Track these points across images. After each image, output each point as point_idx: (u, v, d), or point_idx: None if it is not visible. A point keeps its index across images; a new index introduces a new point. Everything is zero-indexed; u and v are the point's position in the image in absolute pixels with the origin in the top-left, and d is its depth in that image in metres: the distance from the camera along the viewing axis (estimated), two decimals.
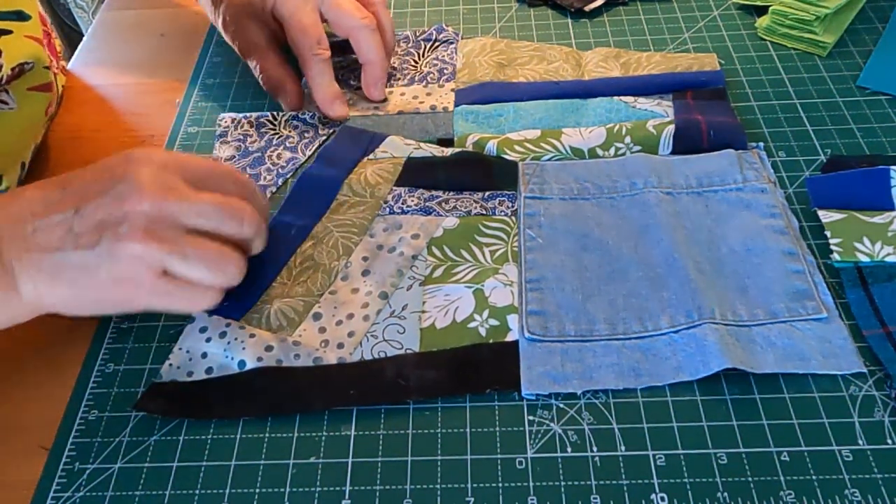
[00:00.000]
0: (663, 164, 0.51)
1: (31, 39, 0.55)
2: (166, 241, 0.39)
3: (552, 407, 0.40)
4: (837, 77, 0.57)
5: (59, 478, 0.39)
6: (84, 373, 0.43)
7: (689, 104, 0.55)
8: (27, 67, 0.55)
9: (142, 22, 0.71)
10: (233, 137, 0.56)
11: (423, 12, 0.68)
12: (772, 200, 0.48)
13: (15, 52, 0.54)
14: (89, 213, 0.38)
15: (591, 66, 0.59)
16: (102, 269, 0.38)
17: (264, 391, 0.41)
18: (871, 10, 0.63)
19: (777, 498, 0.36)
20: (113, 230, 0.38)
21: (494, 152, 0.53)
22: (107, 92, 0.64)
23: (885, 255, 0.44)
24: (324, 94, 0.56)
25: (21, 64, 0.54)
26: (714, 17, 0.65)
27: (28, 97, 0.55)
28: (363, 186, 0.52)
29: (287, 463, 0.39)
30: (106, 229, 0.38)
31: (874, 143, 0.52)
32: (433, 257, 0.47)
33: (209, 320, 0.44)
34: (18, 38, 0.54)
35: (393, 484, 0.38)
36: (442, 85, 0.59)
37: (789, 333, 0.41)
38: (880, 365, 0.40)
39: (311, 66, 0.56)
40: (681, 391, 0.40)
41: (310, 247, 0.48)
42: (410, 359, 0.42)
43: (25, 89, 0.55)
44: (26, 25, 0.55)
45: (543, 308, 0.44)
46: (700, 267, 0.45)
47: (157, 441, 0.40)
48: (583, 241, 0.47)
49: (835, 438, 0.38)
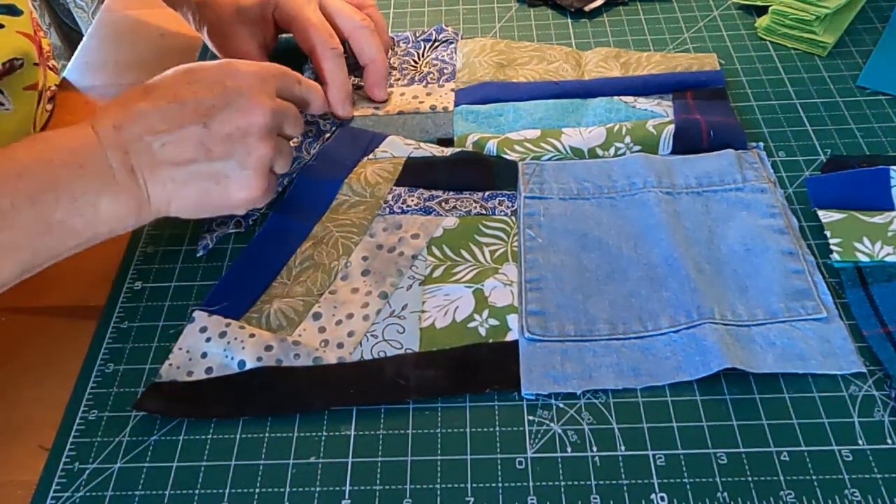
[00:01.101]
0: (663, 163, 0.51)
1: (23, 35, 0.55)
2: (278, 144, 0.45)
3: (552, 407, 0.40)
4: (837, 77, 0.57)
5: (59, 478, 0.39)
6: (84, 373, 0.43)
7: (688, 104, 0.55)
8: (17, 64, 0.54)
9: (142, 22, 0.71)
10: None
11: (423, 12, 0.68)
12: (772, 200, 0.48)
13: (7, 47, 0.53)
14: (217, 126, 0.42)
15: (591, 66, 0.59)
16: (233, 176, 0.43)
17: (264, 391, 0.41)
18: (871, 10, 0.63)
19: (777, 498, 0.36)
20: (242, 141, 0.43)
21: (494, 152, 0.53)
22: (107, 92, 0.64)
23: (885, 255, 0.44)
24: (338, 90, 0.56)
25: (11, 60, 0.54)
26: (714, 17, 0.65)
27: (23, 97, 0.55)
28: (363, 186, 0.52)
29: (287, 463, 0.39)
30: (235, 141, 0.42)
31: (874, 143, 0.52)
32: (433, 257, 0.47)
33: (209, 320, 0.44)
34: (10, 32, 0.54)
35: (393, 484, 0.38)
36: (442, 85, 0.59)
37: (789, 333, 0.41)
38: (880, 365, 0.40)
39: (328, 60, 0.55)
40: (681, 391, 0.40)
41: (310, 246, 0.48)
42: (410, 358, 0.42)
43: (21, 89, 0.55)
44: (18, 21, 0.55)
45: (543, 308, 0.44)
46: (700, 267, 0.45)
47: (157, 441, 0.40)
48: (583, 240, 0.47)
49: (835, 438, 0.38)
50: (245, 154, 0.43)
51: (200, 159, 0.42)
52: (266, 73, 0.46)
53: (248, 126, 0.43)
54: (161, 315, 0.46)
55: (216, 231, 0.50)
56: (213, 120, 0.42)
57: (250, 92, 0.44)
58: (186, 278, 0.48)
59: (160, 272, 0.48)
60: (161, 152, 0.41)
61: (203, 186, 0.43)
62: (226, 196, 0.44)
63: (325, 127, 0.57)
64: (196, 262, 0.49)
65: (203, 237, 0.49)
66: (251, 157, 0.43)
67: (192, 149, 0.42)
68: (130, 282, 0.48)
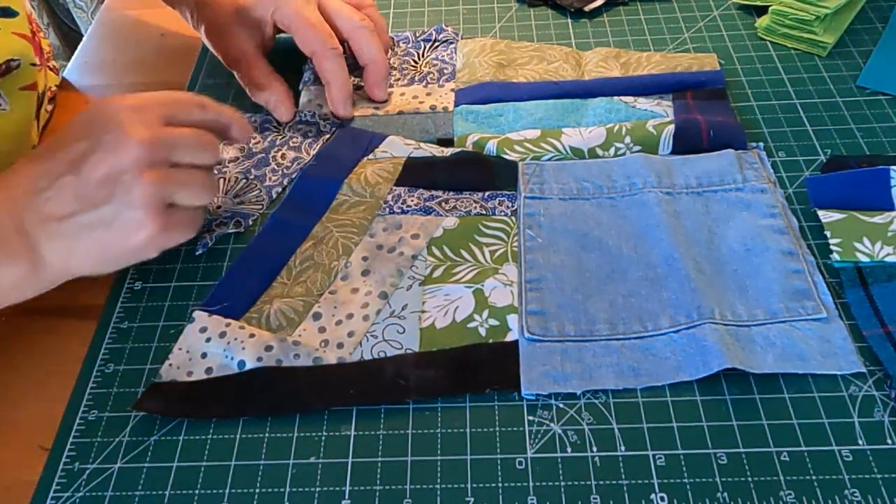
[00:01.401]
0: (663, 164, 0.51)
1: (19, 36, 0.55)
2: (168, 176, 0.41)
3: (552, 407, 0.40)
4: (837, 77, 0.57)
5: (59, 478, 0.39)
6: (84, 373, 0.43)
7: (688, 104, 0.55)
8: (14, 64, 0.54)
9: (142, 22, 0.71)
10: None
11: (423, 12, 0.68)
12: (771, 200, 0.48)
13: (2, 49, 0.53)
14: (89, 171, 0.40)
15: (591, 66, 0.59)
16: (120, 221, 0.40)
17: (264, 391, 0.41)
18: (871, 10, 0.63)
19: (777, 498, 0.36)
20: (120, 181, 0.40)
21: (494, 152, 0.53)
22: (106, 92, 0.64)
23: (885, 255, 0.44)
24: (338, 90, 0.56)
25: (8, 60, 0.53)
26: (714, 17, 0.65)
27: (20, 97, 0.55)
28: (363, 186, 0.52)
29: (287, 463, 0.39)
30: (113, 182, 0.40)
31: (874, 143, 0.52)
32: (433, 257, 0.47)
33: (209, 320, 0.44)
34: (5, 34, 0.54)
35: (393, 484, 0.38)
36: (442, 85, 0.59)
37: (789, 333, 0.41)
38: (880, 365, 0.40)
39: (328, 60, 0.55)
40: (681, 391, 0.40)
41: (310, 247, 0.48)
42: (410, 359, 0.42)
43: (17, 89, 0.55)
44: (13, 22, 0.54)
45: (543, 308, 0.44)
46: (700, 267, 0.45)
47: (157, 441, 0.40)
48: (582, 241, 0.47)
49: (835, 438, 0.38)
50: (125, 194, 0.40)
51: (83, 209, 0.40)
52: (145, 102, 0.43)
53: (119, 164, 0.40)
54: (161, 315, 0.46)
55: (216, 231, 0.50)
56: (83, 166, 0.40)
57: (119, 128, 0.41)
58: (186, 278, 0.48)
59: (160, 272, 0.48)
60: (45, 209, 0.40)
61: (95, 237, 0.40)
62: (123, 241, 0.41)
63: (324, 128, 0.57)
64: (196, 262, 0.49)
65: (203, 236, 0.49)
66: (133, 196, 0.40)
67: (70, 200, 0.40)
68: (130, 282, 0.48)
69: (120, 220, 0.40)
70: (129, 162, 0.40)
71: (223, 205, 0.52)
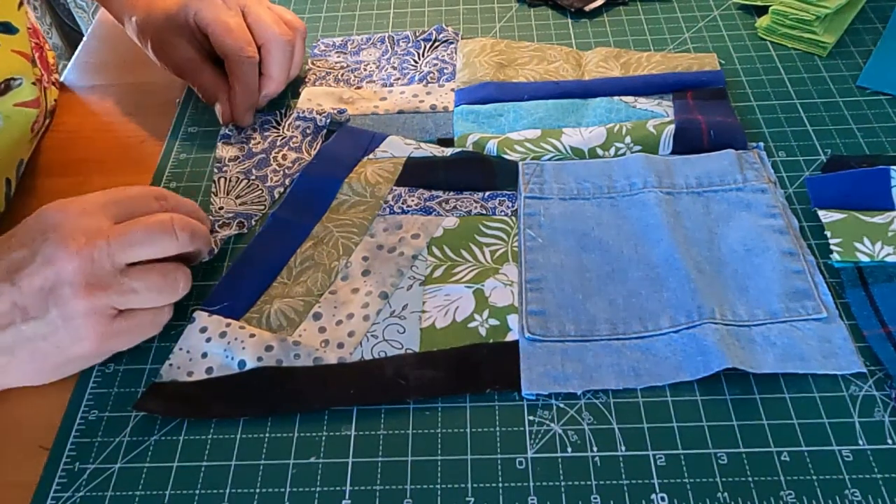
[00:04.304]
0: (663, 164, 0.51)
1: (18, 54, 0.54)
2: (111, 286, 0.39)
3: (552, 407, 0.40)
4: (837, 77, 0.57)
5: (59, 478, 0.39)
6: (84, 373, 0.43)
7: (689, 104, 0.55)
8: (14, 84, 0.53)
9: None
10: (236, 139, 0.57)
11: (423, 12, 0.68)
12: (772, 200, 0.48)
13: (1, 67, 0.52)
14: (25, 283, 0.38)
15: (592, 66, 0.60)
16: (59, 334, 0.39)
17: (264, 391, 0.41)
18: (871, 10, 0.63)
19: (777, 498, 0.36)
20: (56, 294, 0.38)
21: (494, 152, 0.53)
22: (107, 92, 0.64)
23: (885, 255, 0.44)
24: (244, 97, 0.55)
25: (7, 80, 0.53)
26: (714, 17, 0.65)
27: (14, 113, 0.54)
28: (363, 186, 0.52)
29: (287, 463, 0.39)
30: (49, 295, 0.38)
31: (874, 143, 0.52)
32: (433, 257, 0.47)
33: (209, 320, 0.44)
34: (5, 52, 0.52)
35: (393, 484, 0.38)
36: (442, 85, 0.59)
37: (789, 333, 0.41)
38: (880, 365, 0.40)
39: (239, 66, 0.54)
40: (681, 391, 0.40)
41: (310, 247, 0.48)
42: (410, 358, 0.42)
43: (12, 105, 0.54)
44: (13, 39, 0.53)
45: (543, 308, 0.44)
46: (700, 267, 0.45)
47: (157, 441, 0.40)
48: (583, 240, 0.47)
49: (835, 438, 0.38)
50: (63, 306, 0.38)
51: (18, 321, 0.38)
52: (93, 206, 0.41)
53: (54, 277, 0.38)
54: None
55: (219, 233, 0.49)
56: (21, 276, 0.38)
57: (58, 236, 0.39)
58: None
59: None
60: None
61: (33, 348, 0.39)
62: (62, 353, 0.40)
63: (321, 122, 0.56)
64: None
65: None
66: (69, 309, 0.38)
67: (7, 311, 0.38)
68: None
69: (59, 332, 0.39)
70: (67, 274, 0.38)
71: (225, 206, 0.52)
